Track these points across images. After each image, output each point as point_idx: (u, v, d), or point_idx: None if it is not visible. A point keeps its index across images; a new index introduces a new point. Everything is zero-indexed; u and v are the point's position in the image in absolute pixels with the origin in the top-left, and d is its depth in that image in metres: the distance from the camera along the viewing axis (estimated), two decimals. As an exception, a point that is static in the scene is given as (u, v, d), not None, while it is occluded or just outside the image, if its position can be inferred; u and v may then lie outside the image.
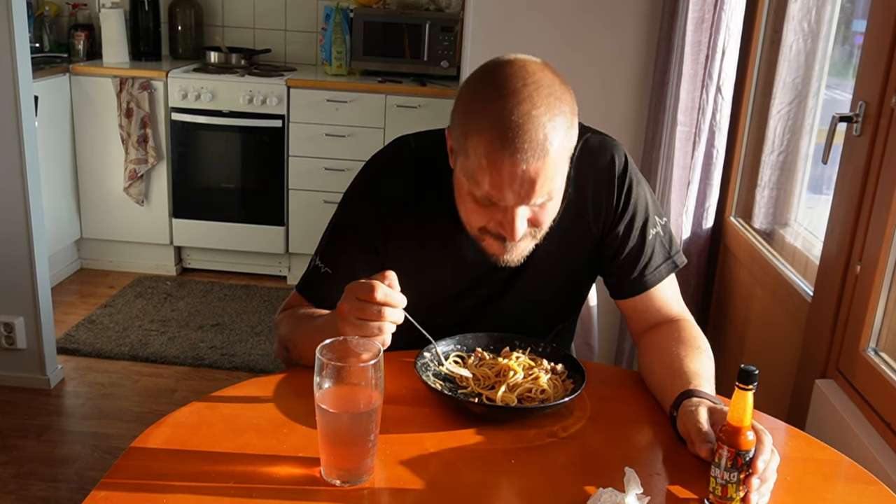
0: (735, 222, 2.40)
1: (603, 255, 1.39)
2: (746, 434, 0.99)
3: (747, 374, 0.99)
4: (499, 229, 1.19)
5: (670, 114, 2.41)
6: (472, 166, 1.14)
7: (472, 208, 1.20)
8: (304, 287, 1.39)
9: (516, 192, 1.12)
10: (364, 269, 1.30)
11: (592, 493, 0.99)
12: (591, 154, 1.35)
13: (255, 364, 3.12)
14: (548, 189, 1.14)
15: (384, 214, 1.33)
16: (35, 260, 2.73)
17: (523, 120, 1.09)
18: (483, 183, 1.13)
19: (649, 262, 1.37)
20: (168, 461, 1.05)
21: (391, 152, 1.38)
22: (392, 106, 3.64)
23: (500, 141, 1.09)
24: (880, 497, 1.07)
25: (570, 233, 1.35)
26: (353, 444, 1.02)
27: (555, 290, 1.43)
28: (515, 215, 1.16)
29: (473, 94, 1.16)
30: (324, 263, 1.36)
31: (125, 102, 3.68)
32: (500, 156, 1.10)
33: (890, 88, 1.51)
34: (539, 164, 1.10)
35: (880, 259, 1.52)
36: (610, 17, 2.60)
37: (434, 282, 1.36)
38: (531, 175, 1.11)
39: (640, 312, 1.39)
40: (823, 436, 1.31)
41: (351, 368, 1.01)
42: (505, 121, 1.09)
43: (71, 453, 2.56)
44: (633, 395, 1.30)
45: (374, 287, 1.09)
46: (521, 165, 1.10)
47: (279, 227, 3.85)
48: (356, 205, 1.36)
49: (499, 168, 1.11)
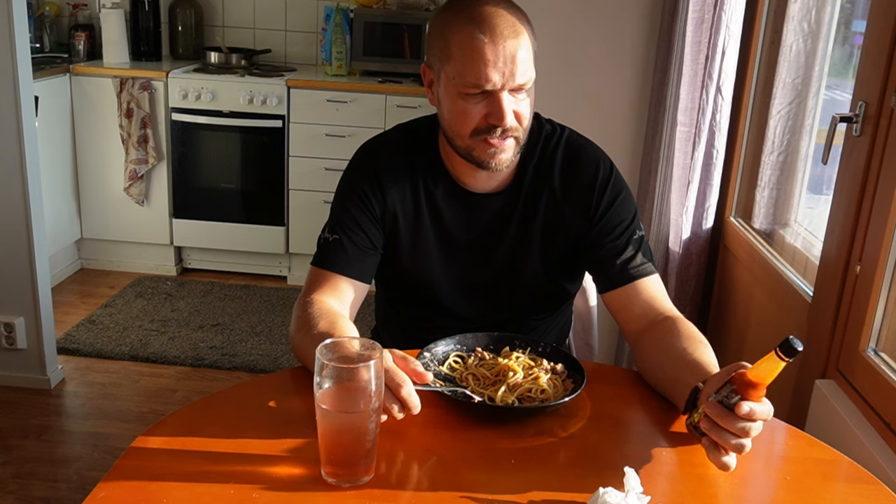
0: (735, 222, 2.40)
1: (587, 248, 1.44)
2: (760, 391, 1.00)
3: (791, 347, 0.97)
4: (489, 121, 1.30)
5: (670, 114, 2.41)
6: (459, 62, 1.28)
7: (462, 110, 1.31)
8: (319, 260, 1.43)
9: (500, 70, 1.26)
10: (370, 228, 1.42)
11: (592, 493, 0.99)
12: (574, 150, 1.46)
13: (255, 364, 3.12)
14: (526, 73, 1.28)
15: (381, 181, 1.43)
16: (35, 260, 2.73)
17: (494, 12, 1.28)
18: (470, 73, 1.27)
19: (633, 257, 1.41)
20: (168, 461, 1.05)
21: (387, 131, 1.52)
22: (392, 106, 3.64)
23: (480, 29, 1.26)
24: (880, 497, 1.07)
25: (549, 224, 1.44)
26: (353, 444, 1.02)
27: (536, 277, 1.47)
28: (503, 99, 1.28)
29: (447, 12, 1.33)
30: (331, 233, 1.43)
31: (125, 102, 3.68)
32: (481, 41, 1.26)
33: (890, 88, 1.51)
34: (515, 42, 1.26)
35: (880, 259, 1.52)
36: (610, 17, 2.60)
37: (426, 252, 1.45)
38: (511, 51, 1.26)
39: (628, 307, 1.40)
40: (823, 436, 1.31)
41: (351, 368, 1.01)
42: (480, 15, 1.27)
43: (71, 453, 2.56)
44: (633, 395, 1.30)
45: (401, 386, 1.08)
46: (501, 43, 1.25)
47: (279, 228, 3.85)
48: (354, 176, 1.46)
49: (482, 52, 1.26)
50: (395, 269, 1.49)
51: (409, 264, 1.47)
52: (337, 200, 1.46)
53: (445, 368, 1.28)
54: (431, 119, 1.47)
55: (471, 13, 1.28)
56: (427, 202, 1.44)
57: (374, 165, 1.44)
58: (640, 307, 1.39)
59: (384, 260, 1.47)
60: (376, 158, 1.45)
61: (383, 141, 1.49)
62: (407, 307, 1.56)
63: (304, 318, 1.31)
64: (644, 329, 1.37)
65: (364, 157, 1.47)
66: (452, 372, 1.28)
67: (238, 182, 3.83)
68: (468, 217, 1.45)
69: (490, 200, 1.44)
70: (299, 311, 1.34)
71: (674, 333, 1.31)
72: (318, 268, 1.41)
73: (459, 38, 1.27)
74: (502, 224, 1.45)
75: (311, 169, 3.75)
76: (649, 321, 1.38)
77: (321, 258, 1.42)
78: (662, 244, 2.50)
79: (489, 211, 1.45)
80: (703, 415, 1.04)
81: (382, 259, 1.47)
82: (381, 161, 1.45)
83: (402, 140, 1.48)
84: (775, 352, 0.98)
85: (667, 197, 2.44)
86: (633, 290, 1.40)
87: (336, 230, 1.42)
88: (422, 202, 1.44)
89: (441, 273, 1.48)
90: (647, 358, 1.33)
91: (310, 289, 1.39)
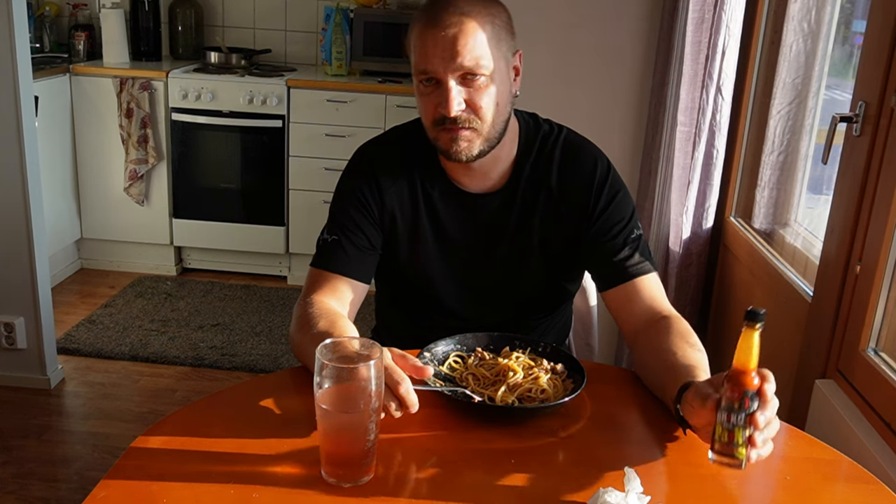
0: (735, 222, 2.40)
1: (585, 247, 1.44)
2: (752, 375, 1.00)
3: (754, 313, 0.98)
4: (440, 111, 1.31)
5: (670, 114, 2.41)
6: (413, 54, 1.32)
7: (422, 102, 1.34)
8: (318, 261, 1.44)
9: (440, 56, 1.28)
10: (368, 228, 1.43)
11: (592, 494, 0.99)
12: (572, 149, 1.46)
13: (255, 364, 3.12)
14: (471, 58, 1.28)
15: (379, 183, 1.44)
16: (35, 260, 2.73)
17: (446, 3, 1.30)
18: (420, 62, 1.31)
19: (631, 256, 1.41)
20: (168, 461, 1.05)
21: (384, 133, 1.53)
22: (392, 106, 3.64)
23: (428, 19, 1.30)
24: (880, 497, 1.07)
25: (546, 222, 1.44)
26: (353, 444, 1.02)
27: (533, 276, 1.48)
28: (450, 87, 1.29)
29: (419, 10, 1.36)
30: (330, 234, 1.44)
31: (125, 102, 3.68)
32: (427, 30, 1.30)
33: (890, 88, 1.51)
34: (457, 29, 1.28)
35: (880, 259, 1.52)
36: (610, 17, 2.60)
37: (423, 252, 1.46)
38: (451, 37, 1.28)
39: (627, 305, 1.40)
40: (823, 436, 1.31)
41: (351, 368, 1.01)
42: (431, 6, 1.31)
43: (71, 453, 2.56)
44: (633, 395, 1.30)
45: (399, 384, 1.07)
46: (442, 31, 1.28)
47: (279, 228, 3.85)
48: (352, 178, 1.47)
49: (424, 40, 1.30)
50: (395, 269, 1.49)
51: (408, 264, 1.48)
52: (335, 202, 1.47)
53: (445, 368, 1.28)
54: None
55: (427, 6, 1.33)
56: (425, 203, 1.45)
57: (372, 167, 1.45)
58: (638, 305, 1.39)
59: (383, 260, 1.47)
60: (373, 160, 1.47)
61: (380, 143, 1.51)
62: (407, 307, 1.57)
63: (303, 318, 1.31)
64: (641, 328, 1.38)
65: (361, 159, 1.49)
66: (452, 372, 1.28)
67: (238, 182, 3.83)
68: (465, 217, 1.46)
69: (487, 200, 1.45)
70: (299, 311, 1.35)
71: (664, 334, 1.31)
72: (318, 269, 1.42)
73: (415, 30, 1.33)
74: (500, 224, 1.45)
75: (311, 169, 3.75)
76: (646, 320, 1.38)
77: (320, 259, 1.43)
78: (662, 244, 2.50)
79: (486, 211, 1.45)
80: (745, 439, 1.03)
81: (382, 259, 1.47)
82: (378, 162, 1.46)
83: (398, 141, 1.49)
84: (744, 325, 1.00)
85: (667, 197, 2.44)
86: (632, 288, 1.40)
87: (335, 231, 1.43)
88: (419, 203, 1.45)
89: (440, 273, 1.48)
90: (640, 359, 1.34)
91: (309, 289, 1.39)
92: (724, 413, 1.01)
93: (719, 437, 1.02)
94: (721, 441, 1.01)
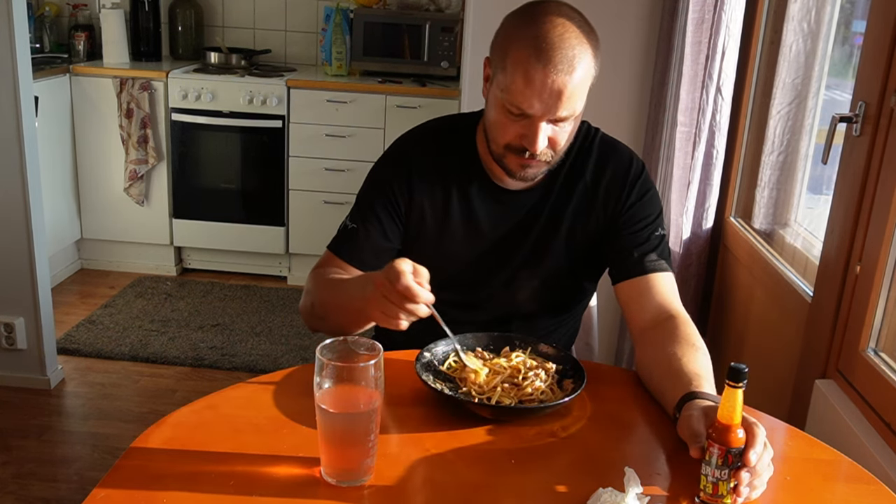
0: (735, 222, 2.40)
1: (609, 237, 1.46)
2: (736, 432, 1.00)
3: (737, 371, 0.99)
4: (522, 142, 1.32)
5: (670, 114, 2.41)
6: (509, 78, 1.28)
7: (502, 122, 1.33)
8: (334, 244, 1.47)
9: (544, 101, 1.26)
10: (389, 224, 1.45)
11: (592, 493, 0.99)
12: (610, 146, 1.49)
13: (255, 364, 3.12)
14: (570, 107, 1.28)
15: (411, 178, 1.45)
16: (35, 260, 2.73)
17: (558, 41, 1.26)
18: (517, 93, 1.27)
19: (652, 252, 1.43)
20: (168, 461, 1.05)
21: (420, 126, 1.53)
22: (392, 106, 3.64)
23: (536, 55, 1.25)
24: (880, 497, 1.07)
25: (578, 212, 1.46)
26: (353, 444, 1.02)
27: (558, 268, 1.48)
28: (539, 128, 1.29)
29: (516, 19, 1.32)
30: (351, 221, 1.47)
31: (125, 103, 3.68)
32: (534, 67, 1.25)
33: (890, 88, 1.51)
34: (566, 78, 1.26)
35: (880, 259, 1.52)
36: (610, 17, 2.60)
37: (451, 248, 1.47)
38: (559, 87, 1.25)
39: (638, 299, 1.41)
40: (823, 436, 1.31)
41: (351, 368, 1.01)
42: (542, 38, 1.26)
43: (71, 453, 2.56)
44: (633, 395, 1.30)
45: (401, 274, 1.13)
46: (552, 76, 1.25)
47: (279, 228, 3.85)
48: (384, 169, 1.49)
49: (531, 78, 1.25)
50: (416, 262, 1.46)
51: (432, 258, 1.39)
52: (364, 189, 1.49)
53: (445, 368, 1.28)
54: (470, 117, 1.51)
55: (536, 32, 1.27)
56: (459, 199, 1.46)
57: (406, 159, 1.46)
58: (649, 301, 1.40)
59: (404, 252, 1.46)
60: (409, 152, 1.48)
61: (419, 137, 1.51)
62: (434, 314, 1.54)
63: (315, 277, 1.42)
64: (649, 325, 1.38)
65: (398, 153, 1.49)
66: (452, 372, 1.28)
67: (238, 182, 3.83)
68: (501, 212, 1.47)
69: (525, 196, 1.46)
70: (311, 276, 1.44)
71: (669, 336, 1.31)
72: (332, 252, 1.47)
73: (517, 55, 1.27)
74: (534, 215, 1.47)
75: (310, 169, 3.75)
76: (655, 317, 1.38)
77: (336, 243, 1.47)
78: (662, 244, 2.50)
79: (523, 206, 1.46)
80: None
81: (402, 252, 1.46)
82: (414, 159, 1.46)
83: (437, 138, 1.49)
84: (726, 384, 1.00)
85: (667, 197, 2.44)
86: (646, 282, 1.41)
87: (357, 219, 1.46)
88: (452, 199, 1.46)
89: (465, 267, 1.48)
90: (640, 357, 1.35)
91: (320, 266, 1.46)
92: (707, 467, 1.01)
93: (704, 487, 1.02)
94: (706, 492, 1.02)
